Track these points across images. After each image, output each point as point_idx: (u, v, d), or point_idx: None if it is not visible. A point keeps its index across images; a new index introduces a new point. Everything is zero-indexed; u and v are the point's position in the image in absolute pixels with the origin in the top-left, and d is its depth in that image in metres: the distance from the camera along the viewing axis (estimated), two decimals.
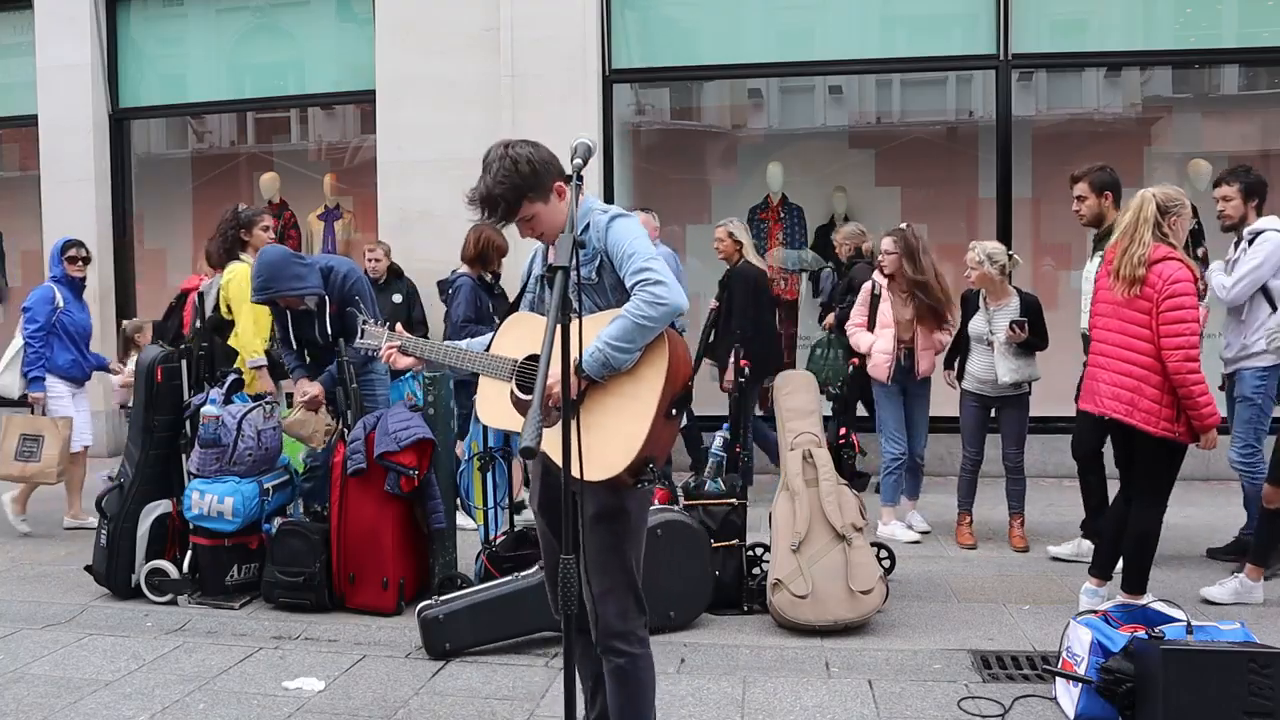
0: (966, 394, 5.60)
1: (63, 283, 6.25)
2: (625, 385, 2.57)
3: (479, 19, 7.61)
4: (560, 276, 2.19)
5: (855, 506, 4.44)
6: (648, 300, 2.49)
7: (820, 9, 7.94)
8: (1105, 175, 5.06)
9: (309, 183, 9.64)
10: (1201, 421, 4.05)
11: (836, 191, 8.82)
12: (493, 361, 2.78)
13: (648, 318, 2.49)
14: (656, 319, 2.50)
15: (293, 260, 4.83)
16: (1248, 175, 5.01)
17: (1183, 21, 7.48)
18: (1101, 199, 5.01)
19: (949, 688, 3.76)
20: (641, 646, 2.69)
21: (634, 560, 2.69)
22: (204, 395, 4.88)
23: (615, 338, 2.50)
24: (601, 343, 2.51)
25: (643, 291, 2.50)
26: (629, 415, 2.54)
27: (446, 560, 4.74)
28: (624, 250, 2.58)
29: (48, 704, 3.71)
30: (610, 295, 2.65)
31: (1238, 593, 4.51)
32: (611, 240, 2.61)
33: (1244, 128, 8.70)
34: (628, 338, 2.50)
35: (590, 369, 2.52)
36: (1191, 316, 4.02)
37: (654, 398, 2.53)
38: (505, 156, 2.65)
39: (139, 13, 8.78)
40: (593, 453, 2.46)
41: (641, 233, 2.64)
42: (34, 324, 6.07)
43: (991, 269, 5.36)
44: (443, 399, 4.78)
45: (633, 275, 2.54)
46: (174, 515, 4.84)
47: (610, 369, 2.53)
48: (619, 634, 2.65)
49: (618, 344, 2.51)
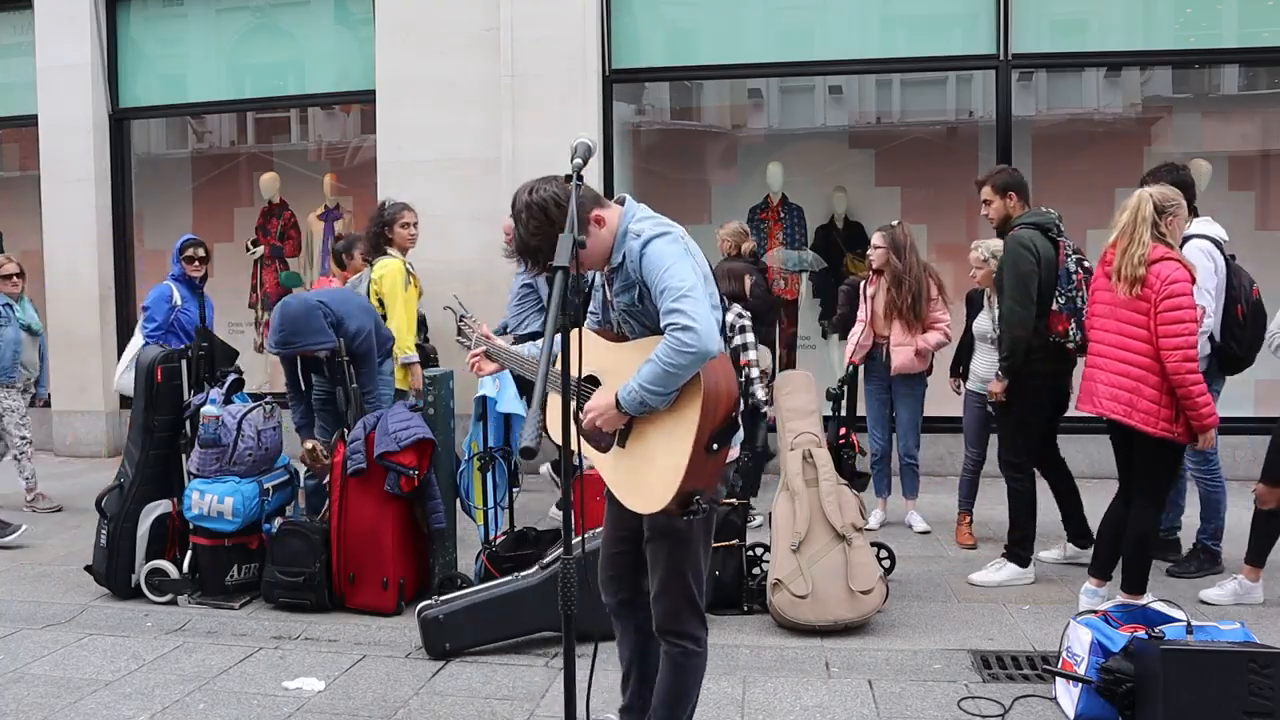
0: (970, 394, 5.61)
1: (180, 281, 6.18)
2: (666, 418, 2.54)
3: (479, 19, 7.61)
4: (560, 276, 2.18)
5: (855, 506, 4.44)
6: (674, 348, 2.41)
7: (820, 9, 7.93)
8: (1007, 177, 5.04)
9: (309, 183, 9.64)
10: (1200, 421, 4.05)
11: (836, 191, 8.83)
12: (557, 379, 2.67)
13: (674, 365, 2.43)
14: (685, 367, 2.43)
15: (315, 313, 4.76)
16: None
17: (1183, 21, 7.48)
18: (1006, 200, 4.96)
19: (949, 688, 3.76)
20: (695, 645, 2.79)
21: (689, 573, 2.73)
22: (204, 395, 4.88)
23: (648, 381, 2.47)
24: (636, 384, 2.48)
25: (670, 337, 2.43)
26: (667, 449, 2.52)
27: (446, 560, 4.74)
28: (656, 284, 2.51)
29: (48, 704, 3.71)
30: (656, 320, 2.55)
31: (1237, 594, 4.51)
32: (645, 270, 2.54)
33: (1244, 128, 8.69)
34: (658, 383, 2.46)
35: (629, 408, 2.51)
36: (1190, 316, 4.02)
37: (690, 433, 2.48)
38: (531, 204, 2.52)
39: (139, 13, 8.78)
40: (639, 485, 2.53)
41: (676, 257, 2.52)
42: (152, 323, 6.00)
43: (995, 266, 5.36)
44: (442, 399, 4.77)
45: (664, 316, 2.46)
46: (174, 515, 4.84)
47: (647, 407, 2.51)
48: (670, 630, 2.78)
49: (650, 388, 2.47)
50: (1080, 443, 7.04)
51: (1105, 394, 4.21)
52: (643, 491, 2.55)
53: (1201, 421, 4.05)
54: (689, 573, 2.73)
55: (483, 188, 7.52)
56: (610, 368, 2.65)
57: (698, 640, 2.80)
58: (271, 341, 4.89)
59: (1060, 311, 4.64)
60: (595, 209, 2.58)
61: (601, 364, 2.67)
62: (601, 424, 2.57)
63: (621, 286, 2.64)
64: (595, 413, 2.56)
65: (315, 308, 4.79)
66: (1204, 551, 4.96)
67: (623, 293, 2.64)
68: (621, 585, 2.96)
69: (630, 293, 2.62)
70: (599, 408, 2.56)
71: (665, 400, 2.49)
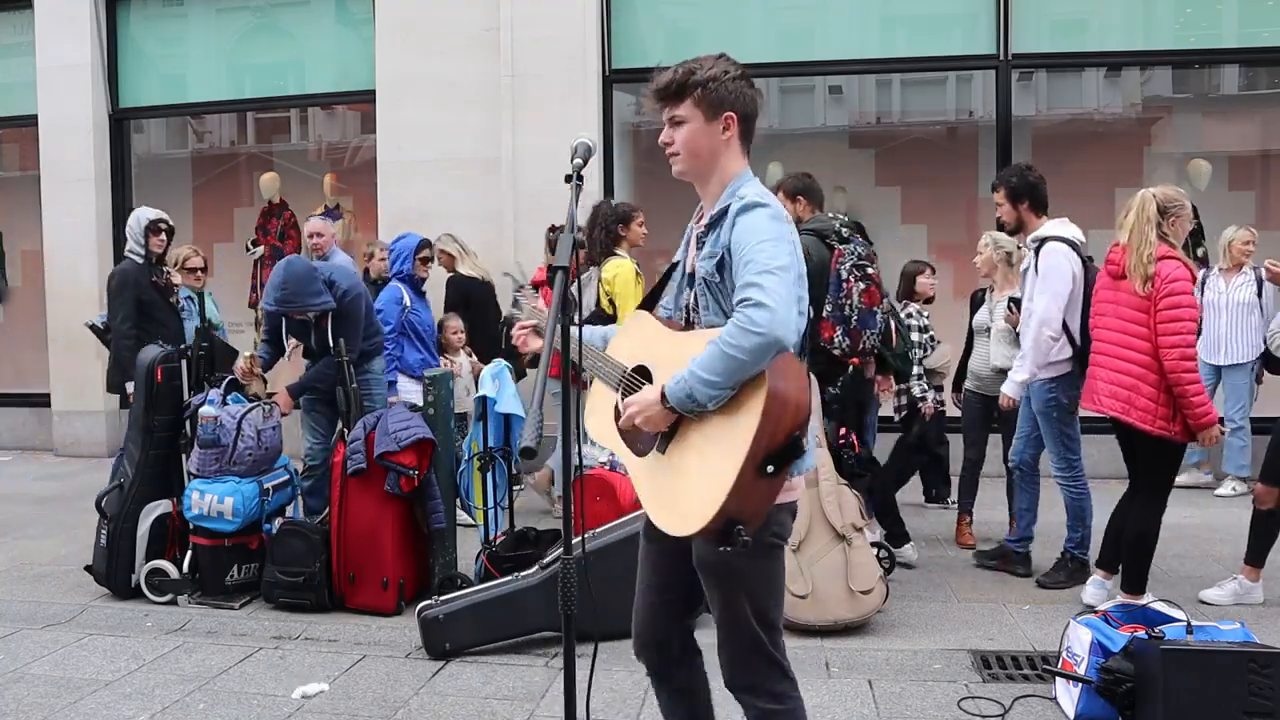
0: (968, 393, 5.60)
1: (407, 282, 6.13)
2: (717, 424, 2.12)
3: (479, 19, 7.61)
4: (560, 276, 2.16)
5: (855, 507, 4.44)
6: (741, 325, 2.03)
7: (820, 9, 7.94)
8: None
9: (309, 183, 9.65)
10: (1197, 420, 4.07)
11: (836, 191, 8.82)
12: (606, 365, 2.39)
13: (738, 348, 2.02)
14: (749, 351, 2.02)
15: (314, 275, 4.99)
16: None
17: (1183, 21, 7.48)
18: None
19: (949, 688, 3.76)
20: (774, 701, 2.32)
21: (752, 615, 2.28)
22: (203, 395, 4.88)
23: (703, 369, 2.06)
24: (689, 371, 2.08)
25: (739, 313, 2.05)
26: (712, 461, 2.10)
27: (446, 560, 4.74)
28: (743, 254, 2.14)
29: (48, 704, 3.71)
30: (733, 299, 2.17)
31: (1237, 594, 4.51)
32: (736, 235, 2.18)
33: (1244, 128, 8.70)
34: (714, 370, 2.04)
35: (675, 402, 2.11)
36: (1189, 316, 4.04)
37: (743, 444, 2.04)
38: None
39: (139, 12, 8.78)
40: (675, 500, 2.16)
41: (775, 235, 2.15)
42: (386, 325, 5.91)
43: (996, 253, 5.39)
44: (443, 399, 4.78)
45: (739, 290, 2.10)
46: (174, 515, 4.83)
47: (697, 404, 2.08)
48: (740, 686, 2.34)
49: (705, 376, 2.06)
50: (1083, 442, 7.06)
51: (1105, 391, 4.22)
52: (678, 508, 2.15)
53: (1198, 421, 4.06)
54: (751, 615, 2.27)
55: (483, 188, 7.53)
56: (665, 358, 2.25)
57: (776, 696, 2.32)
58: (271, 299, 4.96)
59: (827, 318, 4.65)
60: (730, 113, 2.30)
61: (656, 354, 2.30)
62: (642, 421, 2.18)
63: (710, 251, 2.27)
64: (636, 407, 2.19)
65: (315, 269, 5.06)
66: (1072, 560, 4.82)
67: (709, 258, 2.26)
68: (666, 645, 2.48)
69: (714, 259, 2.25)
70: (641, 401, 2.19)
71: (720, 397, 2.07)
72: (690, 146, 2.31)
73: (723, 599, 2.30)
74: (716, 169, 2.33)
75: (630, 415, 2.21)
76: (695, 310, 2.35)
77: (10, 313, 10.04)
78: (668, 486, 2.21)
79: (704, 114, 2.29)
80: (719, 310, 2.26)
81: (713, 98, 2.29)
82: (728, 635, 2.33)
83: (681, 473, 2.17)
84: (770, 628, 2.32)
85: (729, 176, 2.33)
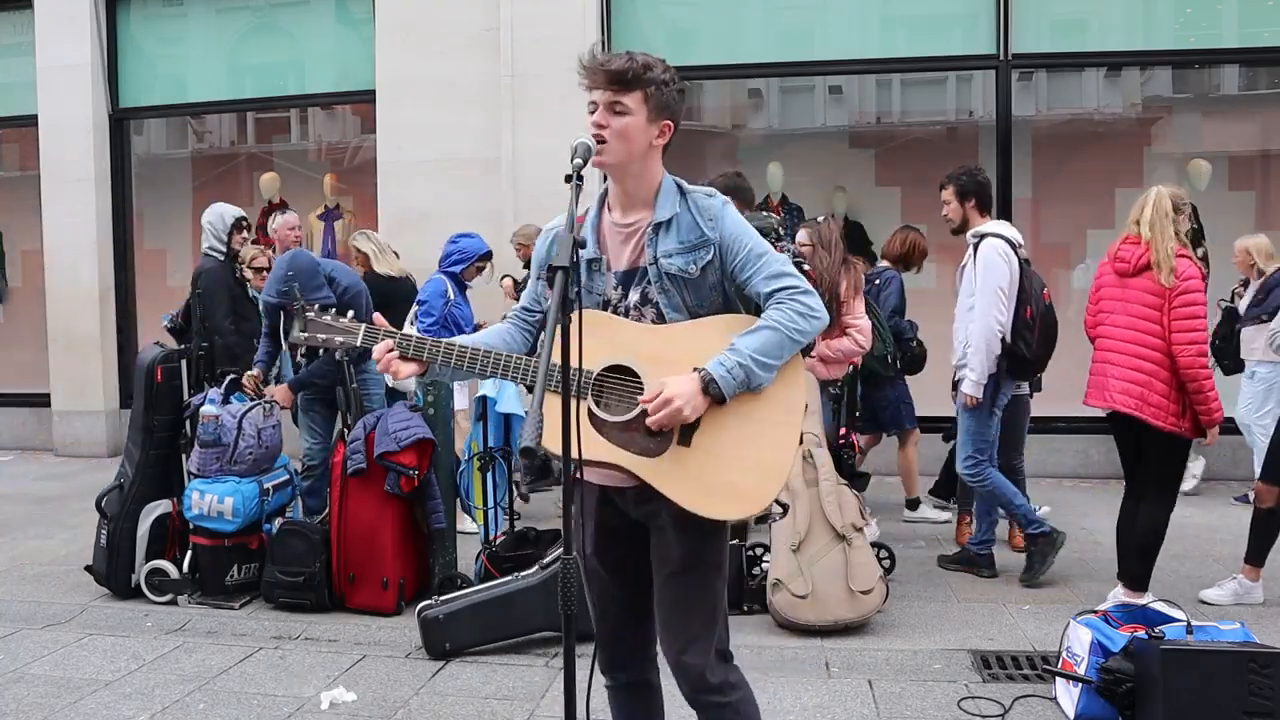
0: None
1: (452, 277, 6.02)
2: (749, 403, 2.20)
3: (479, 19, 7.61)
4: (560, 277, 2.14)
5: (855, 506, 4.44)
6: (801, 312, 2.19)
7: (820, 9, 7.94)
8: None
9: (309, 183, 9.64)
10: (1209, 416, 4.13)
11: (837, 191, 8.82)
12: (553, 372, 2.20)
13: (801, 332, 2.18)
14: (809, 334, 2.20)
15: (319, 270, 5.06)
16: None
17: (1183, 21, 7.48)
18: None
19: (949, 688, 3.77)
20: (736, 691, 2.38)
21: (721, 611, 2.38)
22: (203, 395, 4.89)
23: (762, 353, 2.16)
24: (744, 357, 2.15)
25: (793, 302, 2.20)
26: (767, 444, 2.20)
27: (446, 560, 4.74)
28: (752, 248, 2.25)
29: (48, 704, 3.71)
30: (707, 295, 2.28)
31: (1237, 594, 4.51)
32: (732, 231, 2.26)
33: (1244, 128, 8.69)
34: (775, 354, 2.17)
35: (728, 386, 2.15)
36: (1202, 313, 4.12)
37: (796, 421, 2.22)
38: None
39: (139, 12, 8.78)
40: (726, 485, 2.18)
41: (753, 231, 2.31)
42: (429, 317, 5.80)
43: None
44: (443, 399, 4.78)
45: (772, 280, 2.22)
46: (174, 515, 4.84)
47: (746, 389, 2.18)
48: (712, 688, 2.34)
49: (765, 360, 2.16)
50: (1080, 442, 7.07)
51: (1117, 388, 4.24)
52: (735, 492, 2.19)
53: (1210, 416, 4.12)
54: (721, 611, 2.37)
55: (483, 188, 7.53)
56: (655, 355, 2.23)
57: (735, 685, 2.38)
58: (273, 290, 4.96)
59: None
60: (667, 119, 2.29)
61: (639, 351, 2.24)
62: (690, 412, 2.16)
63: (683, 246, 2.27)
64: (681, 399, 2.13)
65: (319, 263, 5.16)
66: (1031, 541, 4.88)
67: (682, 253, 2.26)
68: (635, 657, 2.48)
69: (696, 254, 2.25)
70: (685, 394, 2.13)
71: (769, 379, 2.19)
72: (626, 138, 2.28)
73: (706, 597, 2.33)
74: (642, 169, 2.33)
75: (677, 408, 2.13)
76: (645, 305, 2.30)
77: (10, 313, 10.04)
78: (711, 474, 2.18)
79: (647, 112, 2.29)
80: (681, 304, 2.27)
81: (659, 101, 2.30)
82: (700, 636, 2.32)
83: (725, 457, 2.19)
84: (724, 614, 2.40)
85: (655, 179, 2.34)
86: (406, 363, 2.30)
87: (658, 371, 2.21)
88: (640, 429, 2.21)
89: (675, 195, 2.32)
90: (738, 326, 2.24)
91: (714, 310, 2.31)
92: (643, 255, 2.31)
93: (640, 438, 2.22)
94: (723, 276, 2.30)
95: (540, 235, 2.53)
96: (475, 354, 2.28)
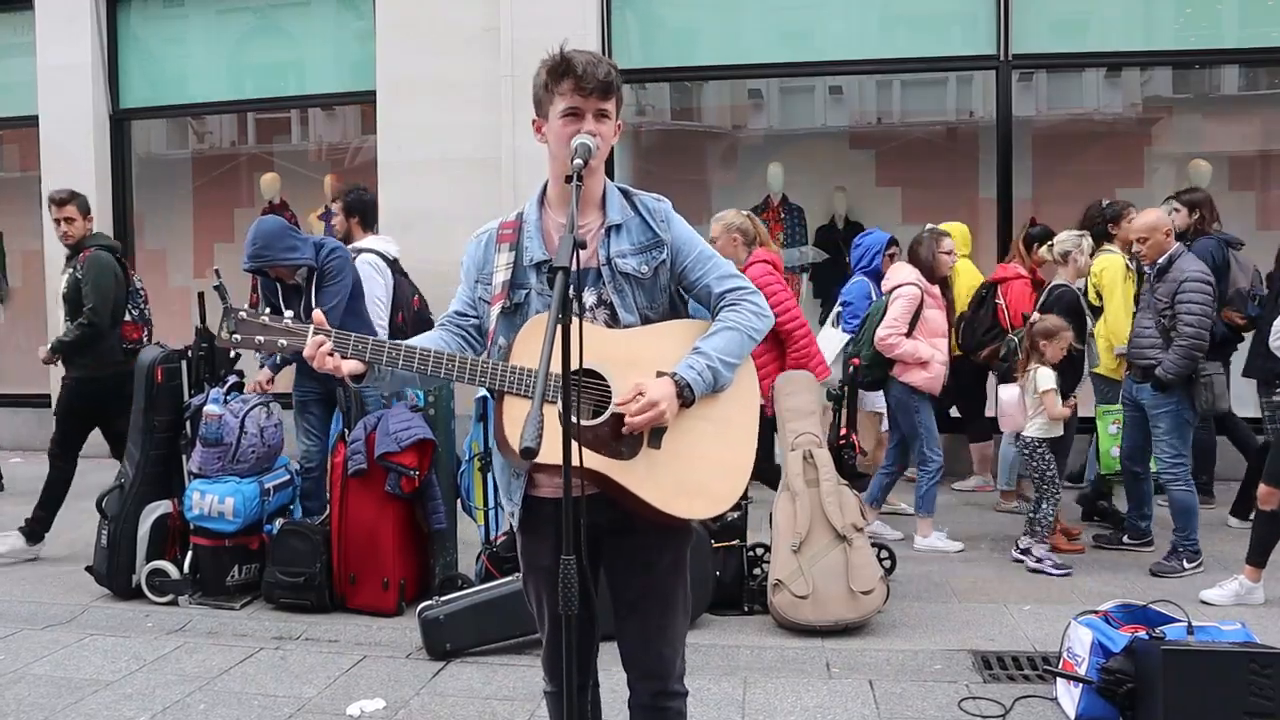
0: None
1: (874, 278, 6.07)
2: (711, 404, 2.24)
3: (479, 19, 7.60)
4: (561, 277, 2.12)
5: (856, 507, 4.44)
6: (754, 312, 2.28)
7: (820, 9, 7.93)
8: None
9: (309, 183, 9.63)
10: None
11: (837, 191, 8.82)
12: (518, 376, 2.18)
13: (757, 330, 2.28)
14: (762, 333, 2.29)
15: (288, 232, 4.89)
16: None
17: (1183, 21, 7.48)
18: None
19: (950, 688, 3.77)
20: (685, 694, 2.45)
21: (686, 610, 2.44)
22: (204, 395, 4.88)
23: (726, 353, 2.23)
24: (711, 359, 2.21)
25: (747, 302, 2.29)
26: (730, 442, 2.27)
27: (447, 561, 4.74)
28: (702, 250, 2.33)
29: (48, 704, 3.71)
30: (657, 296, 2.32)
31: (1238, 594, 4.51)
32: (682, 234, 2.34)
33: (1244, 128, 8.70)
34: (736, 354, 2.24)
35: (699, 388, 2.20)
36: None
37: (753, 421, 2.30)
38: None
39: (139, 12, 8.77)
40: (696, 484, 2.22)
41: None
42: (855, 319, 5.89)
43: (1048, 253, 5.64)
44: (443, 399, 4.77)
45: (724, 280, 2.31)
46: (174, 515, 4.84)
47: (716, 388, 2.23)
48: (679, 676, 2.40)
49: (729, 360, 2.23)
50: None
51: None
52: (708, 491, 2.24)
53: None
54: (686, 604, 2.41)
55: (483, 188, 7.52)
56: (620, 359, 2.22)
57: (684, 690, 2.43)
58: (245, 257, 4.87)
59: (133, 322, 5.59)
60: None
61: (604, 354, 2.21)
62: (670, 416, 2.18)
63: (636, 247, 2.29)
64: (665, 403, 2.16)
65: (289, 226, 4.98)
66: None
67: (636, 254, 2.28)
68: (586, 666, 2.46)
69: (649, 254, 2.29)
70: (665, 397, 2.16)
71: (732, 378, 2.25)
72: (607, 142, 2.27)
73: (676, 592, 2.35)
74: (598, 171, 2.31)
75: (660, 411, 2.15)
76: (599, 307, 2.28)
77: (10, 313, 10.04)
78: (685, 475, 2.21)
79: (616, 114, 2.29)
80: (634, 305, 2.28)
81: (620, 101, 2.30)
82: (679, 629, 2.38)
83: (693, 458, 2.22)
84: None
85: (602, 180, 2.35)
86: (347, 361, 2.17)
87: (624, 375, 2.20)
88: (611, 433, 2.19)
89: (620, 198, 2.34)
90: (695, 331, 2.29)
91: (663, 312, 2.33)
92: (595, 256, 2.29)
93: (612, 441, 2.19)
94: (671, 277, 2.33)
95: (472, 239, 2.44)
96: (425, 354, 2.18)
